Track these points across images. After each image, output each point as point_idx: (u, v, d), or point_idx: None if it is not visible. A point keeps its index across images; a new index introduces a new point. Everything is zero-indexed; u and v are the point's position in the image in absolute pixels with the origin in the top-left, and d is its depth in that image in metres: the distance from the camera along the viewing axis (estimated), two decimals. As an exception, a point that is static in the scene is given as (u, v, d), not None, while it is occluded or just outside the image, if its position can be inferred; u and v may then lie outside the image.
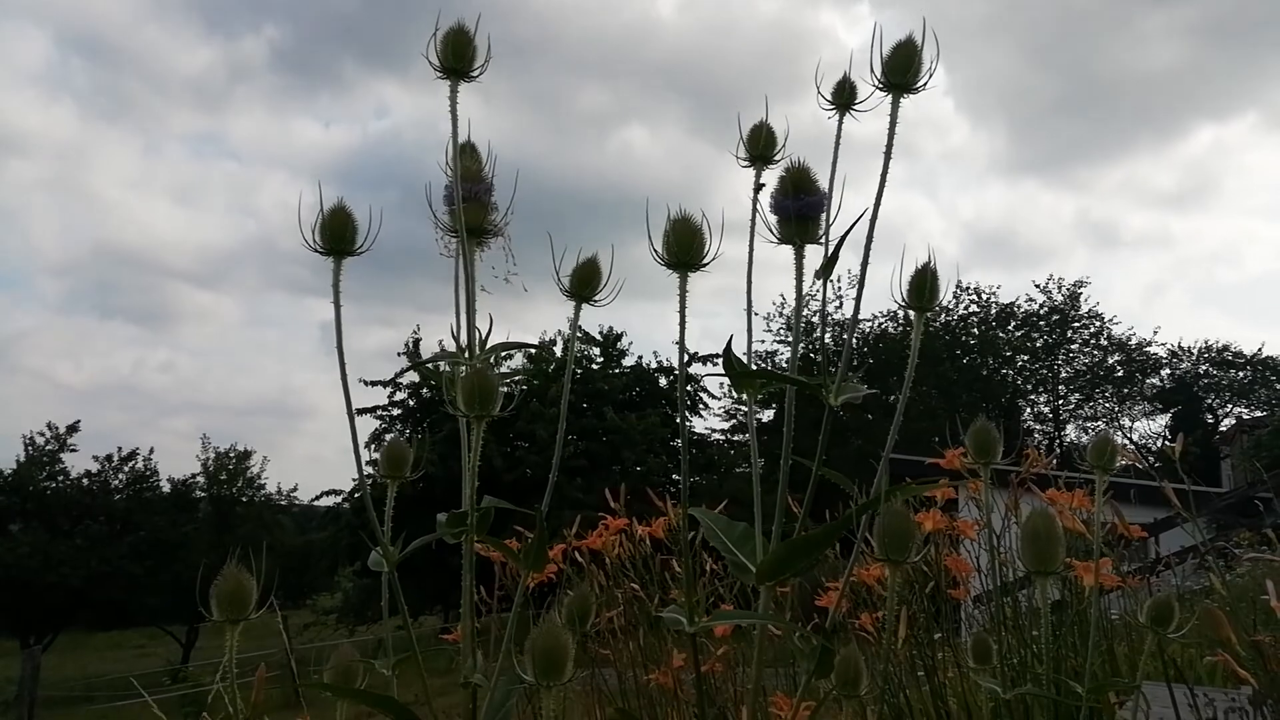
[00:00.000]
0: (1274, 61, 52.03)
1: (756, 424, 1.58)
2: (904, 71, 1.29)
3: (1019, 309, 32.83)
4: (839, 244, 1.30)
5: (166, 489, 29.10)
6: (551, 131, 51.99)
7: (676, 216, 1.24)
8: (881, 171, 1.28)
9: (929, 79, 1.29)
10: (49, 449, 27.77)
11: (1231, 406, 33.09)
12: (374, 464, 1.43)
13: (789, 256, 1.33)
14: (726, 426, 30.03)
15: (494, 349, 1.31)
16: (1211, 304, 55.55)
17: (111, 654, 28.27)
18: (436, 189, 1.35)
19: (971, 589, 2.71)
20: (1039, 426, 33.24)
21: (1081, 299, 32.61)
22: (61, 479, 27.94)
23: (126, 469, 28.64)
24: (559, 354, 24.57)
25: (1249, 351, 32.64)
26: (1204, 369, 33.46)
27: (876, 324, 31.04)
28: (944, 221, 50.59)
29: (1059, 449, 29.20)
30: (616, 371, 28.62)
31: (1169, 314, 55.33)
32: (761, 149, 1.36)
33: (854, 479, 1.39)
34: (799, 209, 1.30)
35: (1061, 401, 34.02)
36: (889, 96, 1.30)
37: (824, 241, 1.34)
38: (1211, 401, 33.65)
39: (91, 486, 28.07)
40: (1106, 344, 33.08)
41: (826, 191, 1.32)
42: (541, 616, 1.12)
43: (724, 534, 1.37)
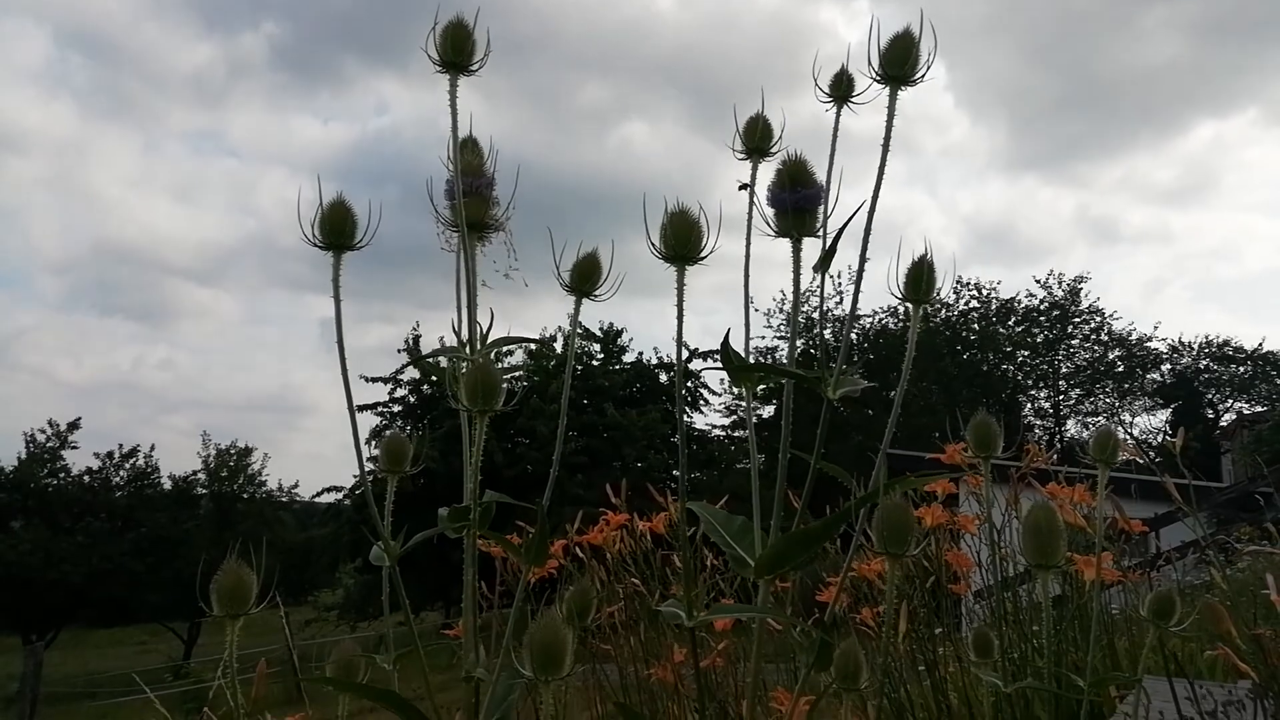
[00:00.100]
0: (1274, 57, 51.95)
1: (757, 420, 1.58)
2: (901, 64, 1.28)
3: (1019, 304, 32.83)
4: (836, 237, 1.30)
5: (167, 486, 29.14)
6: (551, 127, 51.98)
7: (673, 210, 1.24)
8: (879, 164, 1.28)
9: (926, 71, 1.28)
10: (50, 446, 27.80)
11: (1232, 401, 33.10)
12: (374, 460, 1.43)
13: (789, 252, 1.33)
14: (727, 422, 30.04)
15: (495, 343, 1.30)
16: (1212, 299, 55.55)
17: (113, 650, 28.32)
18: (437, 184, 1.35)
19: (972, 584, 2.71)
20: (1039, 422, 33.25)
21: (1082, 294, 32.63)
22: (63, 476, 27.98)
23: (127, 466, 28.68)
24: (559, 350, 24.57)
25: (1249, 346, 32.68)
26: (1204, 364, 33.45)
27: (877, 319, 31.05)
28: (944, 218, 50.61)
29: (1059, 444, 29.21)
30: (617, 368, 28.62)
31: (1169, 309, 55.39)
32: (758, 141, 1.35)
33: (854, 474, 1.38)
34: (796, 202, 1.29)
35: (1062, 397, 34.02)
36: (887, 89, 1.30)
37: (822, 235, 1.33)
38: (1212, 397, 33.64)
39: (93, 483, 28.10)
40: (1107, 339, 33.08)
41: (823, 184, 1.31)
42: (539, 611, 1.12)
43: (723, 528, 1.37)
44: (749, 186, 1.35)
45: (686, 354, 27.17)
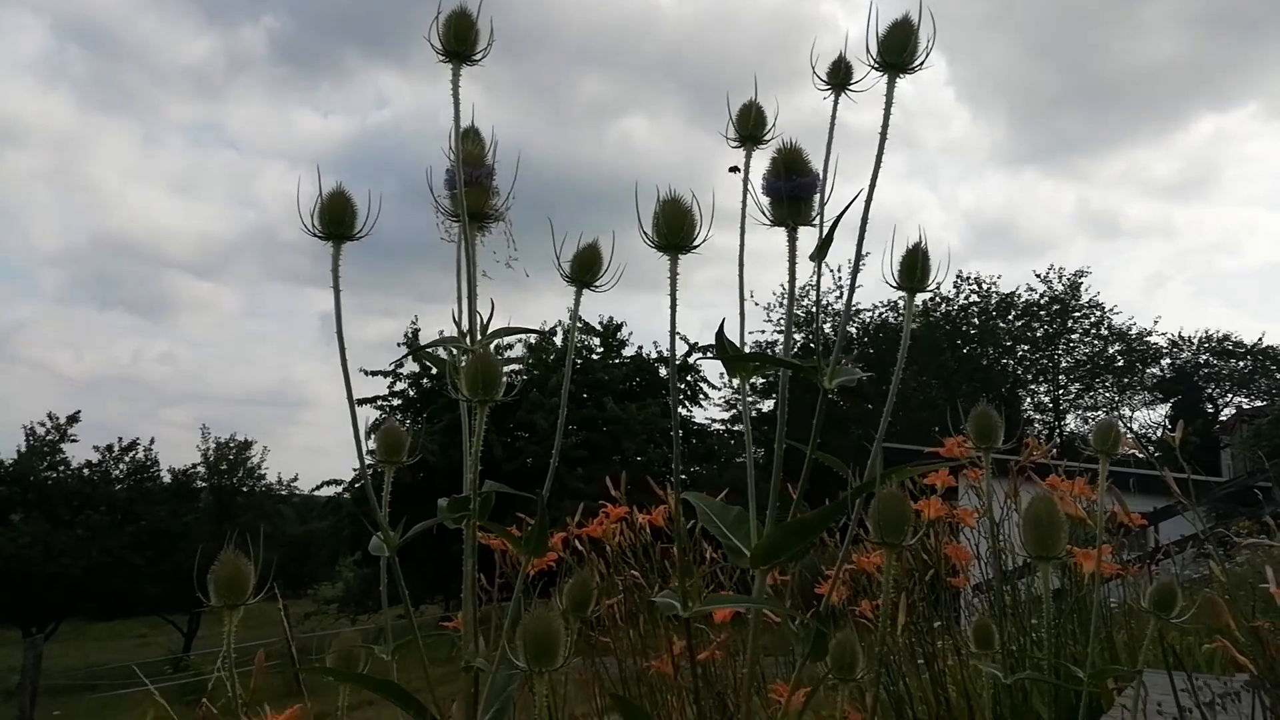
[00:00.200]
0: (1275, 51, 51.84)
1: (756, 414, 1.58)
2: (900, 51, 1.26)
3: (1019, 299, 32.82)
4: (833, 226, 1.29)
5: (167, 479, 29.17)
6: (551, 121, 51.87)
7: (666, 198, 1.23)
8: (877, 152, 1.27)
9: (925, 58, 1.27)
10: (50, 439, 27.82)
11: (1231, 396, 33.12)
12: (373, 454, 1.42)
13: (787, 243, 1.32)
14: (726, 416, 30.02)
15: (495, 333, 1.30)
16: (1212, 294, 55.58)
17: (113, 643, 28.36)
18: (437, 174, 1.34)
19: (971, 577, 2.71)
20: (1039, 416, 33.27)
21: (1082, 289, 32.62)
22: (62, 469, 28.00)
23: (127, 459, 28.70)
24: (559, 343, 24.57)
25: (1249, 341, 32.70)
26: (1204, 359, 33.47)
27: (877, 313, 31.04)
28: (944, 213, 50.55)
29: (1059, 438, 29.22)
30: (616, 362, 28.61)
31: (1169, 304, 55.31)
32: (751, 129, 1.34)
33: (852, 467, 1.38)
34: (791, 190, 1.28)
35: (1062, 391, 34.03)
36: (885, 77, 1.29)
37: (818, 224, 1.32)
38: (1212, 391, 33.66)
39: (92, 477, 28.11)
40: (1107, 334, 33.08)
41: (819, 173, 1.30)
42: (533, 604, 1.12)
43: (718, 518, 1.36)
44: (739, 170, 1.34)
45: (685, 347, 27.24)
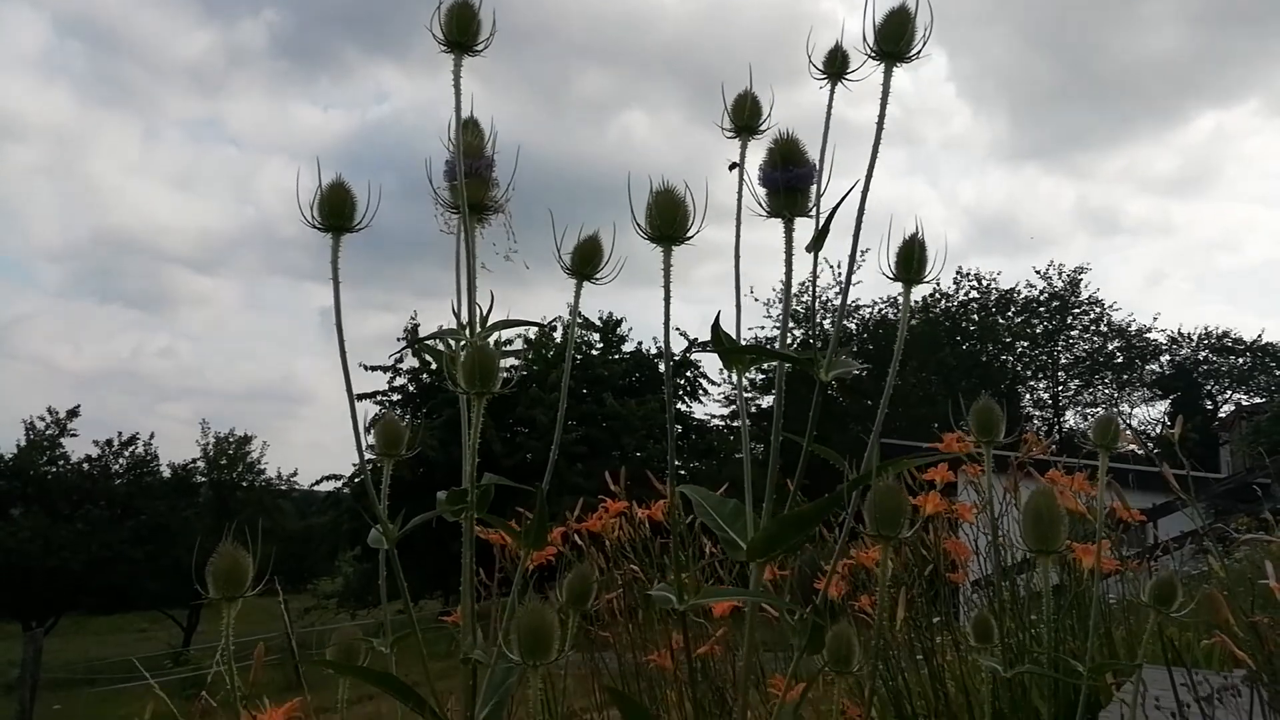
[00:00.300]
0: (1276, 47, 51.78)
1: (756, 410, 1.57)
2: (897, 39, 1.25)
3: (1019, 295, 32.81)
4: (829, 216, 1.28)
5: (167, 474, 29.18)
6: (551, 117, 51.79)
7: (659, 189, 1.22)
8: (874, 142, 1.26)
9: (923, 47, 1.26)
10: (49, 434, 27.83)
11: (1231, 393, 33.14)
12: (373, 448, 1.42)
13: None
14: (726, 412, 30.03)
15: (495, 326, 1.30)
16: (1212, 290, 55.54)
17: (113, 638, 28.40)
18: (436, 168, 1.34)
19: (970, 573, 2.71)
20: (1038, 412, 33.28)
21: (1082, 285, 32.61)
22: (62, 464, 28.01)
23: (127, 454, 28.71)
24: (559, 339, 24.56)
25: (1249, 338, 32.69)
26: (1203, 355, 33.47)
27: (877, 310, 31.02)
28: (945, 209, 50.45)
29: (1058, 435, 29.24)
30: (616, 357, 28.61)
31: (1169, 300, 55.24)
32: (746, 119, 1.33)
33: (852, 463, 1.37)
34: (788, 181, 1.27)
35: (1061, 388, 34.04)
36: (882, 67, 1.28)
37: (815, 214, 1.31)
38: (1211, 388, 33.67)
39: (92, 471, 28.13)
40: (1106, 330, 33.08)
41: (816, 164, 1.30)
42: (527, 598, 1.11)
43: (715, 511, 1.36)
44: (739, 166, 1.33)
45: (684, 343, 27.23)
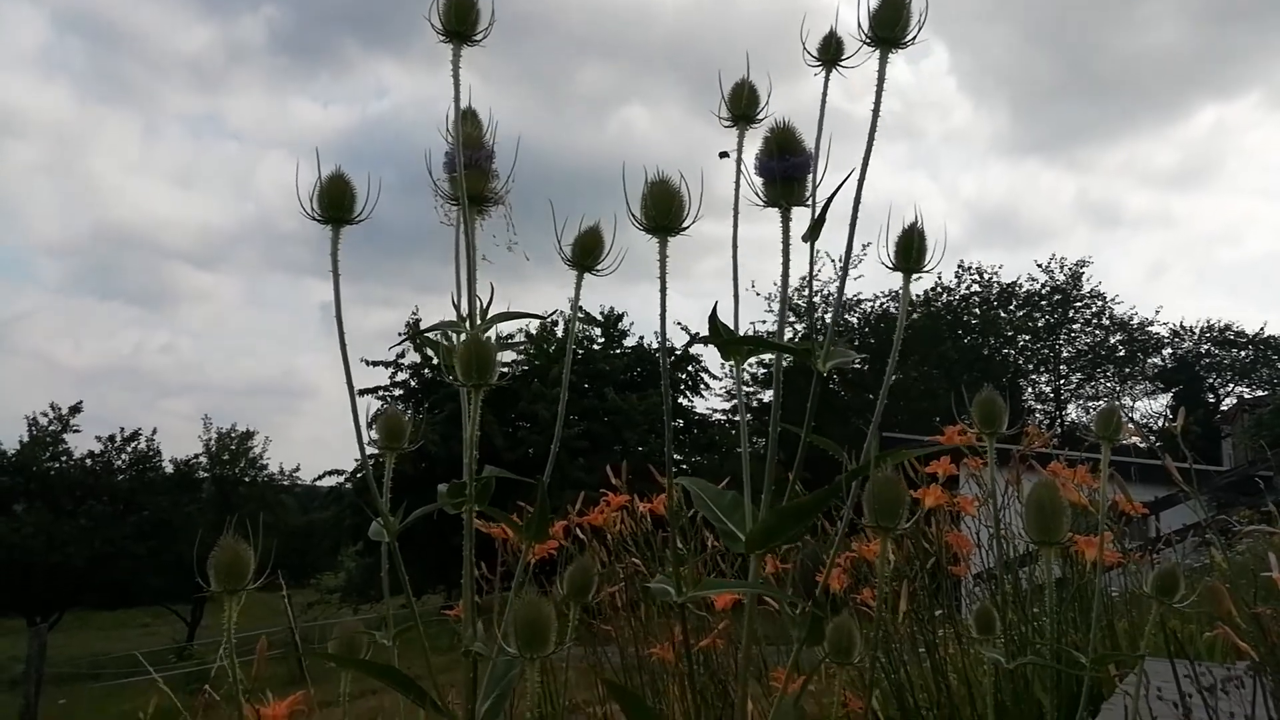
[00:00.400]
0: (1278, 40, 51.60)
1: (759, 405, 1.57)
2: (892, 25, 1.24)
3: (1020, 289, 32.77)
4: (825, 205, 1.27)
5: (169, 469, 29.23)
6: (551, 111, 51.69)
7: (654, 179, 1.21)
8: (870, 129, 1.25)
9: (918, 33, 1.25)
10: (52, 430, 27.88)
11: (1233, 386, 33.08)
12: (374, 443, 1.42)
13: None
14: (728, 407, 30.01)
15: (495, 318, 1.29)
16: (1213, 283, 55.41)
17: (117, 633, 28.50)
18: (436, 160, 1.34)
19: (972, 566, 2.71)
20: (1040, 406, 33.26)
21: (1083, 279, 32.55)
22: (65, 460, 28.08)
23: (129, 450, 28.77)
24: (560, 334, 24.56)
25: (1250, 331, 32.62)
26: (1205, 348, 33.41)
27: (878, 304, 30.98)
28: (946, 203, 50.34)
29: (1060, 428, 29.21)
30: (618, 352, 28.61)
31: (1171, 293, 55.32)
32: (744, 107, 1.32)
33: (852, 455, 1.37)
34: (784, 170, 1.26)
35: (1063, 381, 34.01)
36: (877, 53, 1.27)
37: (811, 204, 1.31)
38: (1213, 381, 33.62)
39: (94, 467, 28.19)
40: (1108, 324, 33.02)
41: (812, 153, 1.29)
42: (525, 591, 1.11)
43: (713, 502, 1.35)
44: (730, 154, 1.32)
45: (686, 338, 27.21)
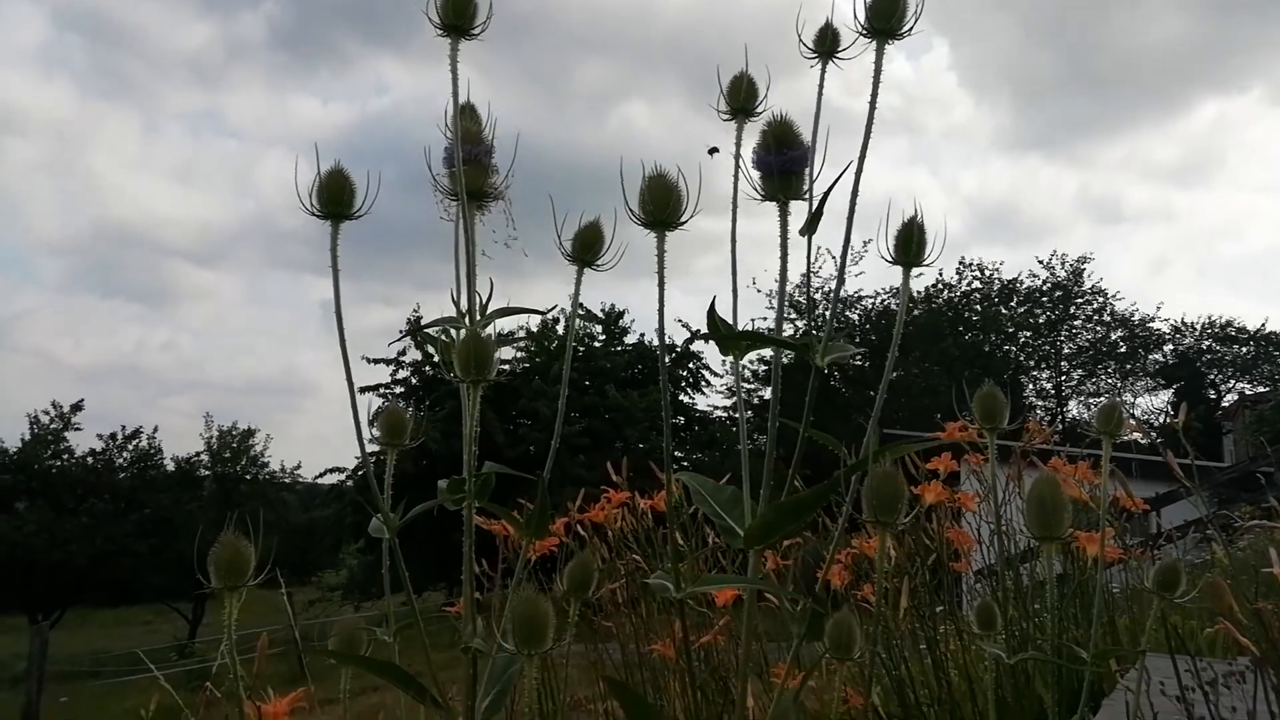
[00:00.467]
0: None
1: (760, 402, 1.56)
2: (888, 16, 1.23)
3: (1022, 285, 32.75)
4: (823, 198, 1.27)
5: (170, 467, 29.24)
6: (551, 108, 51.63)
7: (652, 174, 1.20)
8: (866, 121, 1.24)
9: (914, 23, 1.24)
10: (53, 428, 27.89)
11: (1234, 382, 33.07)
12: (376, 439, 1.42)
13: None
14: (729, 403, 30.01)
15: (494, 313, 1.29)
16: (1215, 279, 55.36)
17: (119, 630, 28.50)
18: (436, 155, 1.33)
19: (973, 562, 2.71)
20: (1041, 403, 33.25)
21: (1084, 275, 32.53)
22: (66, 458, 28.09)
23: (130, 448, 28.77)
24: (561, 331, 24.57)
25: (1252, 327, 32.62)
26: (1206, 344, 33.40)
27: (879, 300, 30.97)
28: (947, 199, 50.31)
29: (1061, 425, 29.21)
30: (619, 349, 28.62)
31: (1172, 289, 55.19)
32: (742, 101, 1.31)
33: (852, 451, 1.37)
34: (781, 164, 1.26)
35: (1064, 378, 34.00)
36: (873, 44, 1.26)
37: (808, 198, 1.30)
38: (1214, 377, 33.61)
39: (96, 465, 28.20)
40: (1109, 320, 33.01)
41: (810, 146, 1.28)
42: (522, 586, 1.11)
43: (712, 498, 1.35)
44: (718, 150, 1.32)
45: (688, 334, 27.19)
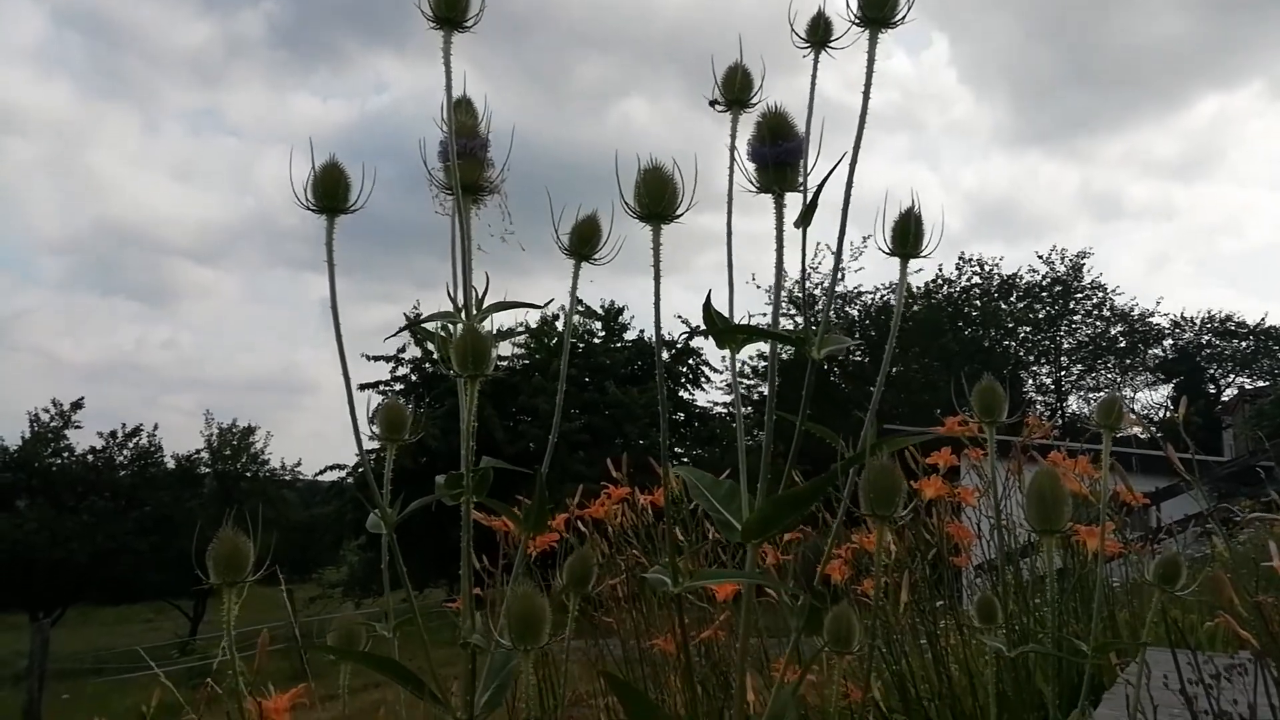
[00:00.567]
0: (1281, 29, 51.40)
1: (759, 398, 1.56)
2: (881, 5, 1.23)
3: (1021, 280, 32.75)
4: (818, 190, 1.26)
5: (171, 465, 29.26)
6: (550, 105, 51.53)
7: (647, 167, 1.20)
8: (860, 111, 1.24)
9: (907, 11, 1.24)
10: (54, 426, 27.90)
11: (1234, 376, 33.11)
12: (376, 435, 1.41)
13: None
14: (728, 399, 30.02)
15: (491, 308, 1.29)
16: (1214, 274, 55.38)
17: (120, 628, 28.53)
18: (431, 149, 1.33)
19: (973, 557, 2.71)
20: (1041, 398, 33.26)
21: (1084, 270, 32.53)
22: (66, 455, 28.11)
23: (131, 445, 28.79)
24: (560, 327, 24.57)
25: (1251, 321, 32.62)
26: (1206, 339, 33.42)
27: (879, 296, 30.96)
28: (946, 195, 50.27)
29: (1061, 420, 29.23)
30: (618, 346, 28.62)
31: (1172, 284, 55.09)
32: (737, 92, 1.31)
33: (851, 445, 1.36)
34: (777, 156, 1.25)
35: (1064, 373, 34.01)
36: (866, 33, 1.25)
37: (804, 190, 1.30)
38: (1214, 372, 33.64)
39: (96, 463, 28.22)
40: (1109, 315, 33.02)
41: (805, 137, 1.27)
42: (518, 582, 1.11)
43: (710, 492, 1.34)
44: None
45: (687, 331, 27.19)
